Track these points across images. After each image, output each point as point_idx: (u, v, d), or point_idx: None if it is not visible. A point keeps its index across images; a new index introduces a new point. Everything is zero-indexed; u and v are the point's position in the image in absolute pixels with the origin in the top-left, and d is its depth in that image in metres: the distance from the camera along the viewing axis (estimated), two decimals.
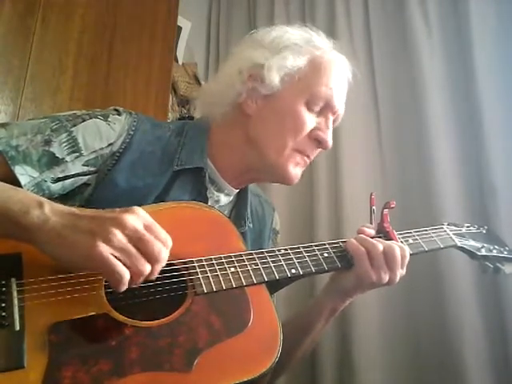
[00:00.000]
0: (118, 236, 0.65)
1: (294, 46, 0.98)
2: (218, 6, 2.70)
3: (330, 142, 0.99)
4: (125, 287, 0.66)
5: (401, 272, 0.93)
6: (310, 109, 0.97)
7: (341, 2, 2.22)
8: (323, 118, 1.00)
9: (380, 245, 0.91)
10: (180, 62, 2.38)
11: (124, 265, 0.65)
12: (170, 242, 0.70)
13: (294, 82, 0.97)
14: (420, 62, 1.93)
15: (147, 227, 0.68)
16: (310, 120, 0.97)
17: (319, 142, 0.99)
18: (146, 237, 0.67)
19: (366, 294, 0.98)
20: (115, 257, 0.64)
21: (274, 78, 0.96)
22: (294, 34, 1.01)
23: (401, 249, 0.92)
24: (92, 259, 0.64)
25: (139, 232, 0.66)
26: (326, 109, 0.99)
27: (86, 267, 0.68)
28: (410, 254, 0.94)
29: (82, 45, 1.72)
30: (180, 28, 2.33)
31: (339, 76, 1.01)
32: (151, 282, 0.74)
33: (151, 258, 0.67)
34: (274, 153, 0.96)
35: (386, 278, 0.91)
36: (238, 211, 1.06)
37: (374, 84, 2.08)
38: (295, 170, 0.99)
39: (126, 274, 0.65)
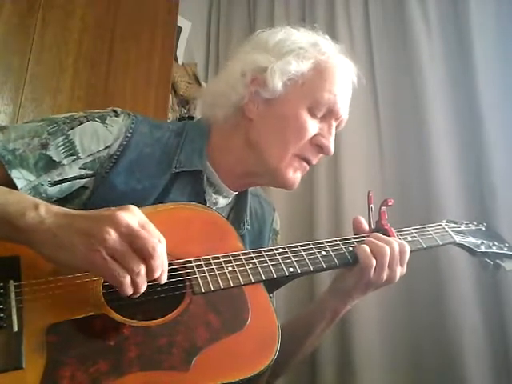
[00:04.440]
0: (113, 235, 0.64)
1: (299, 50, 0.96)
2: (218, 5, 2.70)
3: (332, 149, 0.98)
4: (130, 290, 0.65)
5: (401, 270, 0.92)
6: (312, 114, 0.95)
7: (341, 2, 2.22)
8: (326, 123, 0.98)
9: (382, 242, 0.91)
10: (180, 62, 2.38)
11: (121, 265, 0.64)
12: (163, 241, 0.68)
13: (297, 87, 0.95)
14: (420, 61, 1.93)
15: (141, 226, 0.67)
16: (312, 126, 0.95)
17: (321, 148, 0.97)
18: (140, 233, 0.65)
19: None
20: (112, 257, 0.64)
21: (277, 83, 0.94)
22: (299, 37, 0.99)
23: (400, 245, 0.92)
24: (92, 264, 0.64)
25: (134, 229, 0.65)
26: (329, 115, 0.97)
27: (86, 271, 0.68)
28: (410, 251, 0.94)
29: (82, 45, 1.72)
30: (180, 28, 2.33)
31: (343, 81, 0.99)
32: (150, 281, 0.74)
33: (145, 255, 0.65)
34: (274, 158, 0.95)
35: (384, 275, 0.90)
36: (236, 213, 1.05)
37: (374, 84, 2.08)
38: (295, 176, 0.98)
39: (127, 276, 0.64)
